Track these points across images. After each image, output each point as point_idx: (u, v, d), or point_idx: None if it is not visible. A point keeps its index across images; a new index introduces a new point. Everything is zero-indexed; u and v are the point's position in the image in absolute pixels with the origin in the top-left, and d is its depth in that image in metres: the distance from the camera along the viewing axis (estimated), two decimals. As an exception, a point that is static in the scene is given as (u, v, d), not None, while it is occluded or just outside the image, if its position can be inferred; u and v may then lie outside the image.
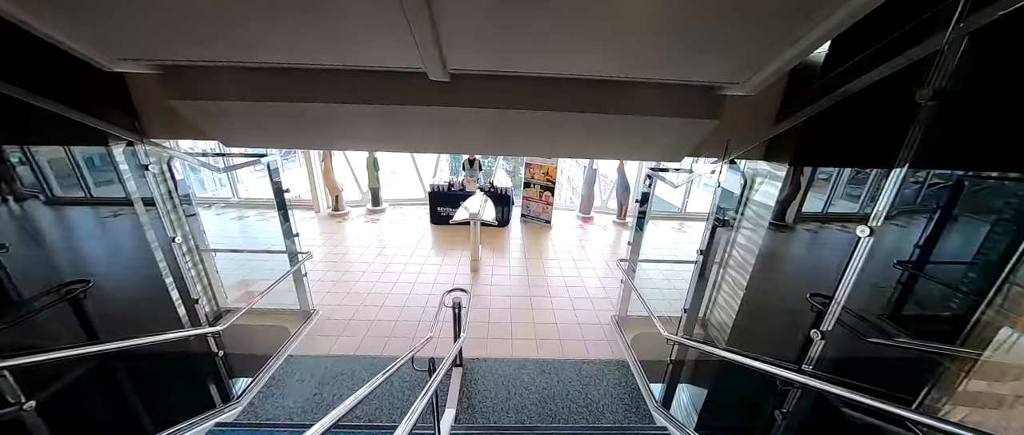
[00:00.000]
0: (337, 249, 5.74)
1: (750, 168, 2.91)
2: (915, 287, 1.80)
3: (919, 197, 1.72)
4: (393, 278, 4.87)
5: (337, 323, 3.93)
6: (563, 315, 4.19)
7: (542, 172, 6.84)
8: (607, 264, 5.55)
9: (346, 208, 7.43)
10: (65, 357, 1.91)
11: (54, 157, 2.29)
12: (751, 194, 3.51)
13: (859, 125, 2.04)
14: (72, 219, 2.43)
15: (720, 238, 3.43)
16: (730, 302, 3.54)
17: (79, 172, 2.47)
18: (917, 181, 1.68)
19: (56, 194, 2.29)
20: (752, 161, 2.82)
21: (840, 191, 2.27)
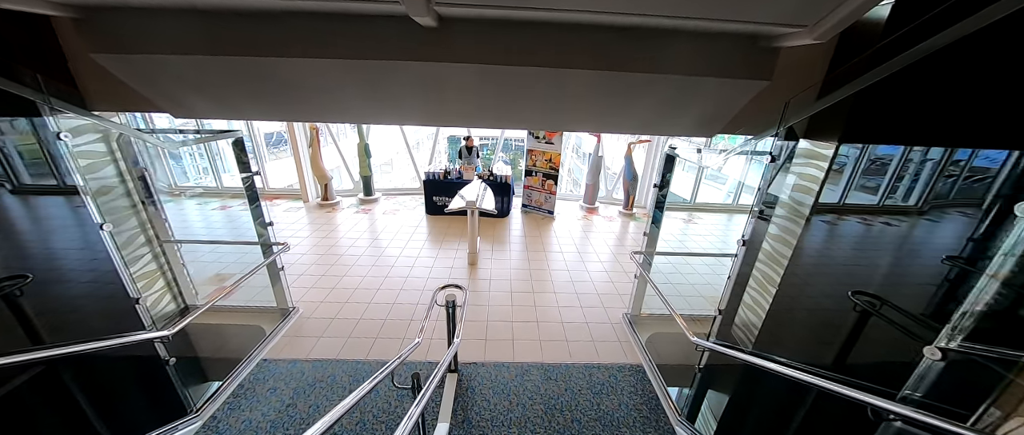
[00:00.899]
0: (324, 241, 5.33)
1: (777, 146, 2.51)
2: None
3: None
4: (383, 272, 4.47)
5: (319, 322, 3.54)
6: (569, 313, 3.80)
7: (545, 159, 6.41)
8: (615, 257, 5.15)
9: (336, 197, 7.00)
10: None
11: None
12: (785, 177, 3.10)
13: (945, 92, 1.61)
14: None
15: (754, 229, 3.03)
16: (760, 301, 3.16)
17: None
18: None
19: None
20: (783, 139, 2.40)
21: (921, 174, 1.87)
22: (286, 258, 4.71)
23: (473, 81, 1.97)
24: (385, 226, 5.97)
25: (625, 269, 4.82)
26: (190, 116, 2.33)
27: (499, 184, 6.33)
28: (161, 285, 3.28)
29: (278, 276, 3.49)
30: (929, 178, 1.82)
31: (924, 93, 1.68)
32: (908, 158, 1.99)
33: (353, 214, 6.50)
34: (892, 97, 1.75)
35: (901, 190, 2.05)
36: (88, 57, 2.03)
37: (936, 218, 1.91)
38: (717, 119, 2.34)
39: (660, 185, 3.31)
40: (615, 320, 3.73)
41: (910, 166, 1.94)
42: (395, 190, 7.92)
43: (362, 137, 6.71)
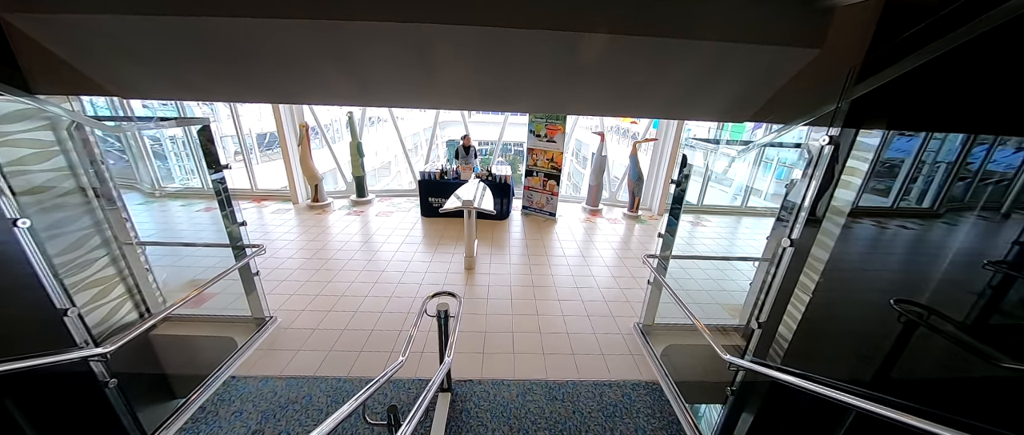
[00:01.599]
0: (311, 244, 4.99)
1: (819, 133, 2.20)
2: None
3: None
4: (372, 278, 4.13)
5: (298, 333, 3.19)
6: (575, 323, 3.46)
7: (546, 158, 6.10)
8: (622, 262, 4.82)
9: (327, 199, 6.68)
10: None
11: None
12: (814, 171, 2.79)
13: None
14: None
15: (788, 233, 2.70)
16: (789, 310, 2.82)
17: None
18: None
19: None
20: (817, 128, 2.10)
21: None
22: (266, 263, 4.37)
23: (466, 50, 1.65)
24: (377, 228, 5.64)
25: (633, 274, 4.48)
26: (138, 96, 2.01)
27: (498, 184, 6.01)
28: (120, 292, 2.93)
29: (253, 282, 3.14)
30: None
31: (991, 73, 1.37)
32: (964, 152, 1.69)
33: (344, 216, 6.17)
34: (950, 76, 1.44)
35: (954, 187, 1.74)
36: (28, 37, 1.73)
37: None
38: (750, 100, 2.02)
39: (678, 182, 2.99)
40: (626, 330, 3.39)
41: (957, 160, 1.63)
42: (390, 191, 7.60)
43: (354, 135, 6.40)
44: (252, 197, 7.04)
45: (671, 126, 6.45)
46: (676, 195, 3.04)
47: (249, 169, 6.98)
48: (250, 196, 7.06)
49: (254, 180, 7.07)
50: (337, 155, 7.40)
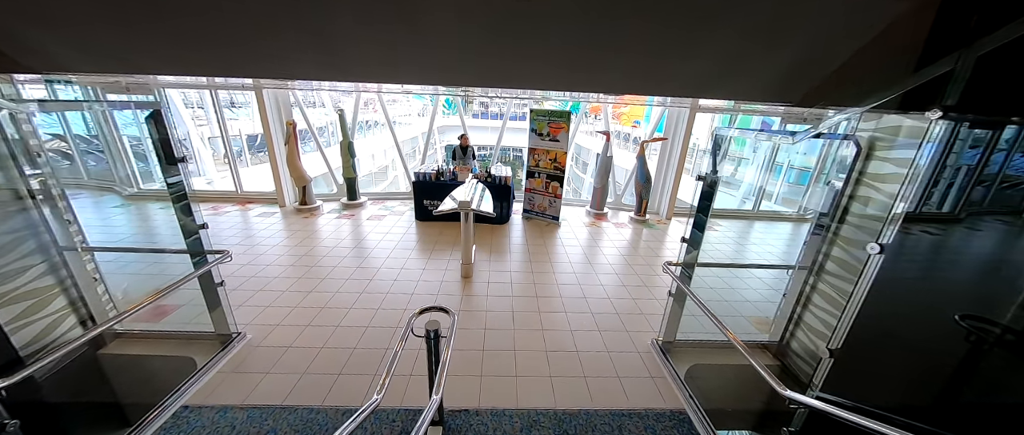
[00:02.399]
0: (294, 250, 4.59)
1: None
2: None
3: None
4: (358, 288, 3.73)
5: (269, 352, 2.79)
6: (586, 339, 3.07)
7: (549, 159, 5.74)
8: (633, 270, 4.44)
9: (316, 202, 6.28)
10: None
11: None
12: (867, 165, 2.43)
13: None
14: None
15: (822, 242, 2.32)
16: (826, 325, 2.44)
17: None
18: None
19: None
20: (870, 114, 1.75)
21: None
22: (241, 271, 3.97)
23: (468, 12, 1.29)
24: (368, 233, 5.25)
25: (646, 283, 4.10)
26: (48, 68, 1.63)
27: (498, 186, 5.64)
28: (61, 305, 2.53)
29: (216, 293, 2.74)
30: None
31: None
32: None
33: (334, 220, 5.78)
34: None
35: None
36: None
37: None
38: (806, 74, 1.66)
39: (706, 176, 2.62)
40: (643, 348, 2.99)
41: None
42: (383, 194, 7.22)
43: (345, 134, 6.04)
44: (237, 200, 6.64)
45: (680, 124, 6.12)
46: (704, 192, 2.67)
47: (234, 171, 6.60)
48: (235, 199, 6.67)
49: (239, 182, 6.68)
50: (328, 158, 7.03)
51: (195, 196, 2.75)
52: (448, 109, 26.25)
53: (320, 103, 16.00)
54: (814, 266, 2.67)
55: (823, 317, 2.55)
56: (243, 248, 4.58)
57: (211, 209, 6.14)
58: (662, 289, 3.97)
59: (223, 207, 6.25)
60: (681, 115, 6.12)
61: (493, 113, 25.90)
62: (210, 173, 8.67)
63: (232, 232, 5.11)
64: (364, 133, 18.86)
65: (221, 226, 5.34)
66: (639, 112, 19.40)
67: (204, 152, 8.25)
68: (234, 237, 4.94)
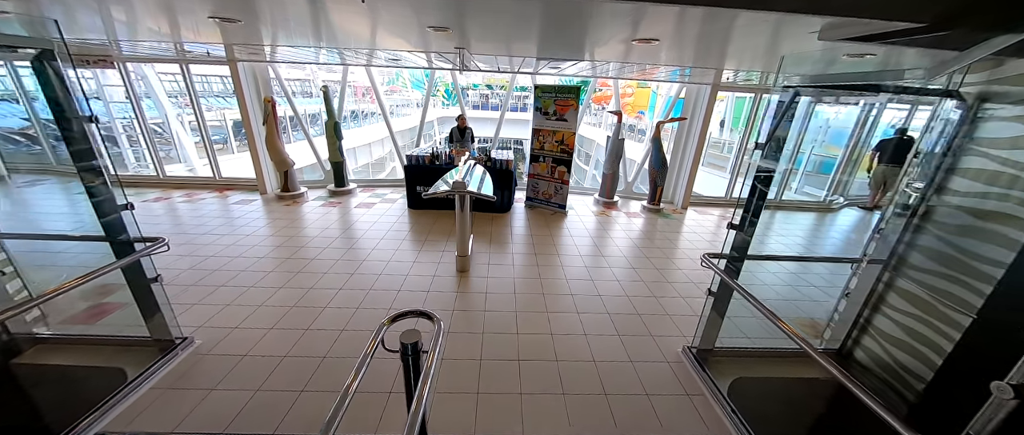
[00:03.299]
0: (266, 242, 4.08)
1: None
2: None
3: None
4: (336, 283, 3.22)
5: (221, 362, 2.28)
6: (604, 346, 2.56)
7: (555, 140, 5.20)
8: (652, 263, 3.93)
9: (300, 188, 5.76)
10: None
11: None
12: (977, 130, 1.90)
13: None
14: None
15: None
16: (924, 335, 1.93)
17: None
18: None
19: None
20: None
21: None
22: (204, 263, 3.46)
23: None
24: (354, 222, 4.73)
25: (666, 278, 3.59)
26: None
27: (499, 171, 5.11)
28: (-50, 305, 2.02)
29: (149, 291, 2.23)
30: None
31: None
32: None
33: (318, 208, 5.25)
34: None
35: None
36: None
37: None
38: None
39: (767, 143, 2.09)
40: (672, 356, 2.49)
41: None
42: (373, 181, 6.69)
43: (331, 113, 5.49)
44: (215, 187, 6.12)
45: (698, 104, 5.55)
46: (755, 179, 2.13)
47: (210, 155, 6.06)
48: (213, 185, 6.14)
49: (217, 168, 6.15)
50: (315, 145, 6.47)
51: (169, 183, 2.26)
52: (448, 100, 25.55)
53: (305, 92, 15.37)
54: (892, 259, 2.14)
55: (909, 324, 2.04)
56: (210, 238, 4.06)
57: (185, 196, 5.61)
58: (687, 286, 3.46)
59: (198, 194, 5.73)
60: (700, 95, 5.56)
61: (494, 104, 25.19)
62: (193, 161, 8.13)
63: (199, 221, 4.59)
64: (360, 123, 18.23)
65: (188, 214, 4.83)
66: (643, 101, 18.73)
67: (185, 138, 7.70)
68: (200, 226, 4.42)
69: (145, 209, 4.98)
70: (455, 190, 3.12)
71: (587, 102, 6.82)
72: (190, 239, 4.01)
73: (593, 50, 2.96)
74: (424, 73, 6.61)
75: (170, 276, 3.18)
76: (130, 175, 6.37)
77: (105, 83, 7.08)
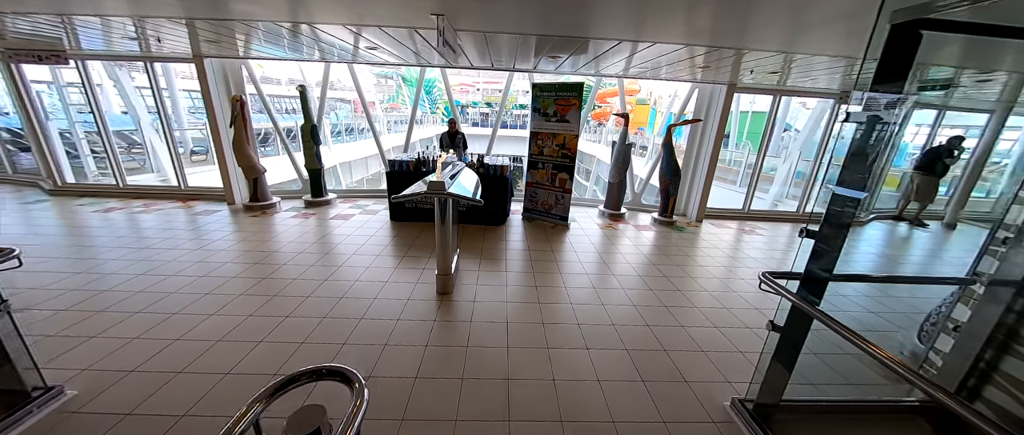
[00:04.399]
0: (212, 260, 3.45)
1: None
2: None
3: None
4: (284, 308, 2.58)
5: (93, 423, 1.62)
6: (624, 396, 1.91)
7: (556, 144, 4.65)
8: (674, 285, 3.29)
9: (271, 198, 5.16)
10: None
11: None
12: None
13: None
14: None
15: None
16: None
17: None
18: None
19: None
20: None
21: None
22: (126, 285, 2.83)
23: None
24: (324, 235, 4.11)
25: (695, 303, 2.95)
26: None
27: (493, 177, 4.54)
28: None
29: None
30: None
31: None
32: None
33: (288, 219, 4.65)
34: None
35: None
36: None
37: None
38: None
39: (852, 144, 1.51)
40: (717, 412, 1.83)
41: None
42: (355, 191, 6.11)
43: (307, 115, 4.96)
44: (179, 197, 5.53)
45: (713, 104, 5.05)
46: (853, 153, 1.54)
47: (175, 163, 5.50)
48: (178, 196, 5.55)
49: (182, 177, 5.58)
50: (293, 154, 5.93)
51: (126, 193, 1.72)
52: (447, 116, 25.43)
53: (291, 109, 15.04)
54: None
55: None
56: (143, 255, 3.44)
57: (142, 207, 5.02)
58: (721, 314, 2.82)
59: (157, 204, 5.13)
60: (715, 95, 5.06)
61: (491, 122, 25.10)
62: (167, 170, 7.55)
63: (142, 235, 3.98)
64: (357, 138, 17.84)
65: (132, 227, 4.21)
66: (643, 118, 18.41)
67: (159, 146, 7.16)
68: (140, 241, 3.80)
69: (82, 220, 4.37)
70: (433, 192, 2.52)
71: (586, 116, 6.27)
72: (120, 255, 3.39)
73: (600, 26, 2.44)
74: (420, 81, 6.14)
75: (65, 301, 2.55)
76: (88, 184, 5.79)
77: (68, 83, 6.57)
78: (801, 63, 3.41)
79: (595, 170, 17.09)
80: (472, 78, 29.01)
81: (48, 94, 6.31)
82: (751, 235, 4.96)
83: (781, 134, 9.80)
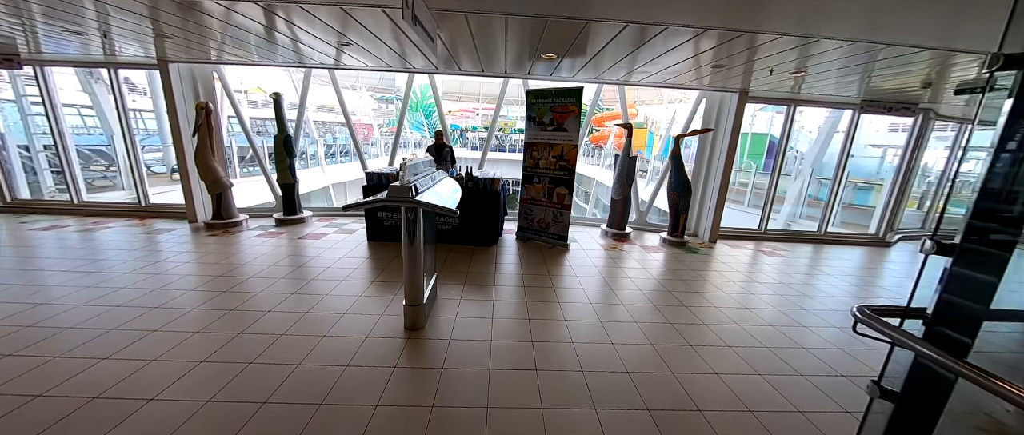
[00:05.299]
0: (135, 287, 2.89)
1: None
2: None
3: None
4: (202, 350, 2.00)
5: None
6: (653, 493, 1.31)
7: (552, 155, 4.19)
8: (697, 317, 2.73)
9: (237, 215, 4.64)
10: None
11: None
12: None
13: None
14: None
15: None
16: None
17: None
18: None
19: None
20: None
21: None
22: (13, 319, 2.25)
23: None
24: (285, 258, 3.56)
25: (727, 341, 2.37)
26: None
27: (483, 192, 4.05)
28: None
29: None
30: None
31: None
32: None
33: (251, 239, 4.11)
34: None
35: None
36: None
37: None
38: None
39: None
40: (793, 518, 1.23)
41: None
42: (332, 209, 5.60)
43: (281, 125, 4.53)
44: (138, 214, 5.01)
45: (724, 114, 4.65)
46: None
47: (136, 177, 5.02)
48: (137, 213, 5.04)
49: (143, 192, 5.08)
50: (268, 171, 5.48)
51: (80, 210, 1.27)
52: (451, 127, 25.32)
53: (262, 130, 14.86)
54: None
55: None
56: (58, 280, 2.88)
57: (91, 224, 4.49)
58: (765, 358, 2.23)
59: (108, 222, 4.61)
60: (725, 104, 4.67)
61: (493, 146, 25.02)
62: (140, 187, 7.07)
63: (62, 257, 3.43)
64: (352, 159, 17.56)
65: (61, 248, 3.67)
66: (640, 142, 18.25)
67: (122, 159, 6.73)
68: (55, 264, 3.25)
69: (11, 239, 3.82)
70: (395, 198, 2.00)
71: (582, 134, 5.73)
72: (28, 280, 2.82)
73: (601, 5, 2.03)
74: (421, 112, 5.79)
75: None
76: (42, 201, 5.28)
77: (27, 92, 6.17)
78: (820, 62, 3.00)
79: (594, 191, 16.71)
80: (472, 104, 29.31)
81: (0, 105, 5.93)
82: (773, 257, 4.42)
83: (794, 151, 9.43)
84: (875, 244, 5.40)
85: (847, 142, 5.13)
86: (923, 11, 1.97)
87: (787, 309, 2.94)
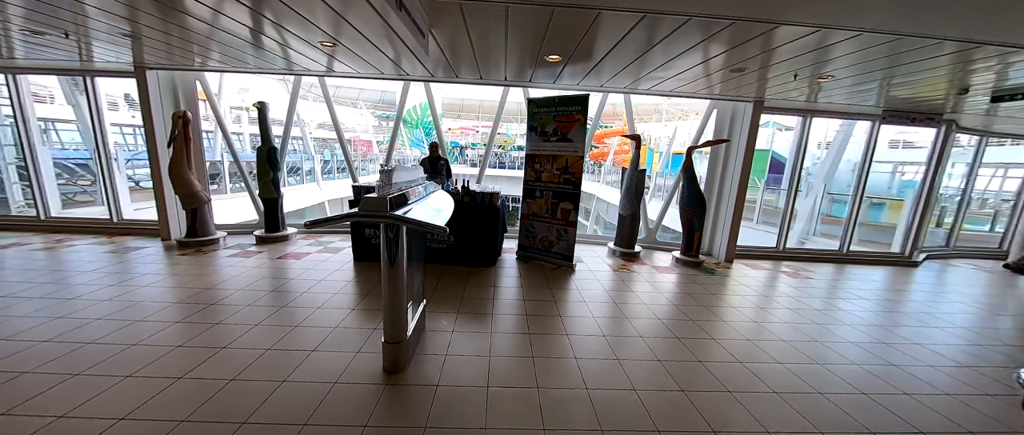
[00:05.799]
0: (88, 310, 2.50)
1: None
2: None
3: None
4: (136, 398, 1.60)
5: None
6: None
7: (555, 168, 3.87)
8: (729, 353, 2.34)
9: (214, 233, 4.28)
10: None
11: None
12: None
13: None
14: None
15: None
16: None
17: None
18: None
19: None
20: None
21: None
22: None
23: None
24: (256, 281, 3.18)
25: (773, 386, 1.98)
26: None
27: (481, 207, 3.71)
28: None
29: None
30: None
31: None
32: None
33: (225, 258, 3.73)
34: None
35: None
36: None
37: None
38: None
39: None
40: None
41: None
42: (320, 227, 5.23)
43: (266, 136, 4.23)
44: (108, 231, 4.65)
45: (738, 124, 4.36)
46: None
47: (107, 191, 4.69)
48: (107, 230, 4.68)
49: (116, 208, 4.74)
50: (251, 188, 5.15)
51: (45, 226, 1.01)
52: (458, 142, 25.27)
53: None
54: None
55: None
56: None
57: (55, 242, 4.12)
58: (824, 408, 1.84)
59: (72, 240, 4.24)
60: (738, 114, 4.40)
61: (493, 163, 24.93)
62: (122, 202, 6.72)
63: (14, 279, 3.05)
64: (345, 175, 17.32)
65: (5, 269, 3.29)
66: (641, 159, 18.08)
67: (115, 175, 6.42)
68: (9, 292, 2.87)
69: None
70: (370, 211, 1.64)
71: (587, 145, 5.44)
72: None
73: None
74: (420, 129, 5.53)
75: None
76: (8, 217, 4.92)
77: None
78: (851, 63, 2.73)
79: (594, 208, 16.41)
80: (472, 121, 29.40)
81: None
82: (796, 278, 4.04)
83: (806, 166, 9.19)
84: (901, 263, 5.03)
85: (867, 155, 4.84)
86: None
87: (834, 343, 2.55)
